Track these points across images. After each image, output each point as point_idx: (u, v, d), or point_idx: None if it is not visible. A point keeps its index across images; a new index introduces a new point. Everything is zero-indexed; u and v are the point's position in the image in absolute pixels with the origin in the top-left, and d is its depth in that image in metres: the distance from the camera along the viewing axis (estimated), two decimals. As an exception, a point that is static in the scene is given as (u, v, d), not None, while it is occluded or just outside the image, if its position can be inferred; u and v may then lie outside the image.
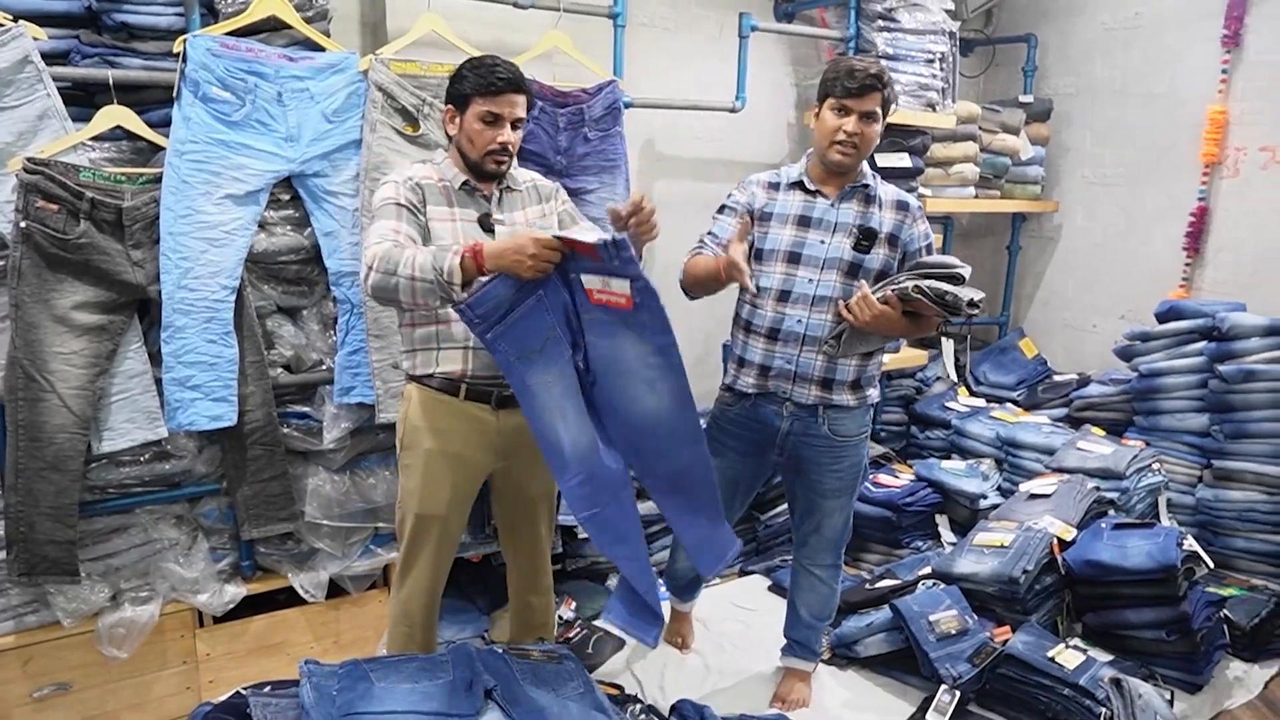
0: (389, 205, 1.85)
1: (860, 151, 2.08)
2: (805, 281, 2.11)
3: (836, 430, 2.17)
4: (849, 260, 2.10)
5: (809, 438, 2.18)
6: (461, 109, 1.90)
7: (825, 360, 2.11)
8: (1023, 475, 3.21)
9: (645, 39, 3.16)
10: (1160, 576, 2.46)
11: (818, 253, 2.11)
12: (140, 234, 2.07)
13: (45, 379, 2.00)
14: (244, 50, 2.12)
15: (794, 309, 2.12)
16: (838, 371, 2.13)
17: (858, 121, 2.04)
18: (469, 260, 1.69)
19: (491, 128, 1.88)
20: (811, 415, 2.16)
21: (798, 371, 2.13)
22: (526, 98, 1.92)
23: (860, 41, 3.20)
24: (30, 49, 1.93)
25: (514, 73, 1.88)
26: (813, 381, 2.13)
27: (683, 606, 2.68)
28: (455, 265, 1.68)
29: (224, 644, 2.39)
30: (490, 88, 1.85)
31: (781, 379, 2.15)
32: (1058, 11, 3.82)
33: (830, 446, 2.19)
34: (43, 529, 2.04)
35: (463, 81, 1.88)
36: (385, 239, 1.78)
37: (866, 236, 2.10)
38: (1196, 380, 3.08)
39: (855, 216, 2.12)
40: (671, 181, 3.33)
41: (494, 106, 1.86)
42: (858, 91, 2.01)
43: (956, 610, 2.51)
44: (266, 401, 2.27)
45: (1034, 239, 4.05)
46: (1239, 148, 3.28)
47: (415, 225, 1.86)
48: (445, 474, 1.96)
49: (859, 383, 2.17)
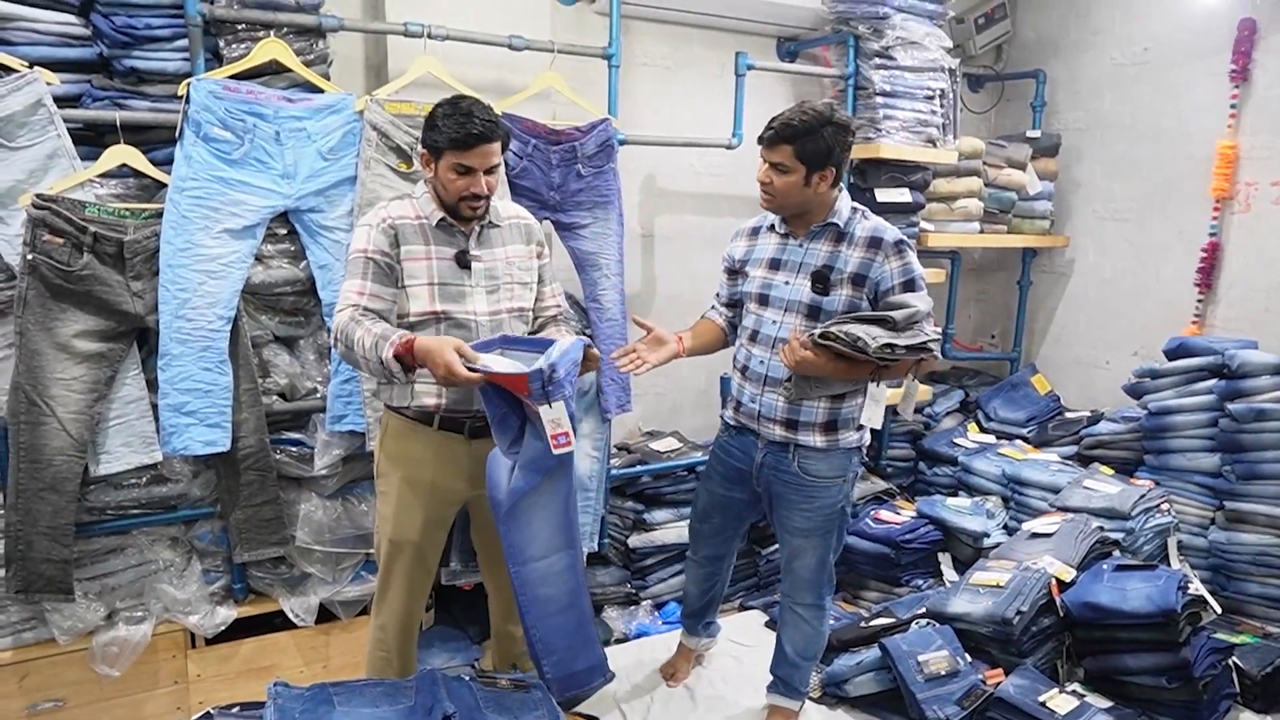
0: (358, 259, 1.92)
1: (776, 199, 2.11)
2: (770, 323, 2.17)
3: (806, 469, 2.18)
4: (807, 302, 2.12)
5: (780, 473, 2.22)
6: (435, 156, 1.92)
7: (786, 401, 2.14)
8: (1028, 514, 3.15)
9: (646, 78, 3.23)
10: (1160, 620, 2.39)
11: (782, 294, 2.16)
12: (141, 266, 2.17)
13: (46, 403, 2.09)
14: (245, 92, 2.22)
15: (759, 349, 2.19)
16: (802, 413, 2.15)
17: (767, 170, 2.09)
18: (403, 353, 1.77)
19: (464, 177, 1.90)
20: (783, 451, 2.20)
21: (762, 411, 2.20)
22: (502, 141, 1.93)
23: (859, 79, 3.23)
24: (43, 93, 2.05)
25: (485, 124, 1.86)
26: (776, 421, 2.18)
27: (688, 640, 2.68)
28: (390, 359, 1.76)
29: (214, 665, 2.44)
30: (463, 142, 1.85)
31: (749, 416, 2.23)
32: (1067, 47, 3.82)
33: (801, 485, 2.19)
34: (40, 548, 2.12)
35: (435, 130, 1.89)
36: (348, 303, 1.88)
37: (819, 279, 2.11)
38: (1207, 419, 3.00)
39: (821, 256, 2.13)
40: (672, 216, 3.38)
41: (465, 160, 1.88)
42: (766, 142, 2.08)
43: (948, 651, 2.46)
44: (260, 428, 2.34)
45: (1045, 274, 4.01)
46: (1250, 183, 3.23)
47: (383, 278, 1.93)
48: (418, 500, 2.00)
49: (832, 424, 2.16)
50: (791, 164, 2.05)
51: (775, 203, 2.14)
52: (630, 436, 3.37)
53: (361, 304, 1.89)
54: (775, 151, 2.06)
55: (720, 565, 2.56)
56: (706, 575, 2.57)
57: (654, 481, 3.12)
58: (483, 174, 1.90)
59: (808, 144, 2.02)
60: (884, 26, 3.13)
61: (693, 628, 2.67)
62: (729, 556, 2.57)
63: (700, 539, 2.55)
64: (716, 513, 2.45)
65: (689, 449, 3.21)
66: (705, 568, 2.56)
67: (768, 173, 2.10)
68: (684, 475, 3.16)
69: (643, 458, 3.13)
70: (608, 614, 3.02)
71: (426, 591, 2.14)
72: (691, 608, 2.65)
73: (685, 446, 3.23)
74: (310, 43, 2.36)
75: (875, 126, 3.21)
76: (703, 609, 2.64)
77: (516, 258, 2.07)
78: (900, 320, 1.98)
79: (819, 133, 2.02)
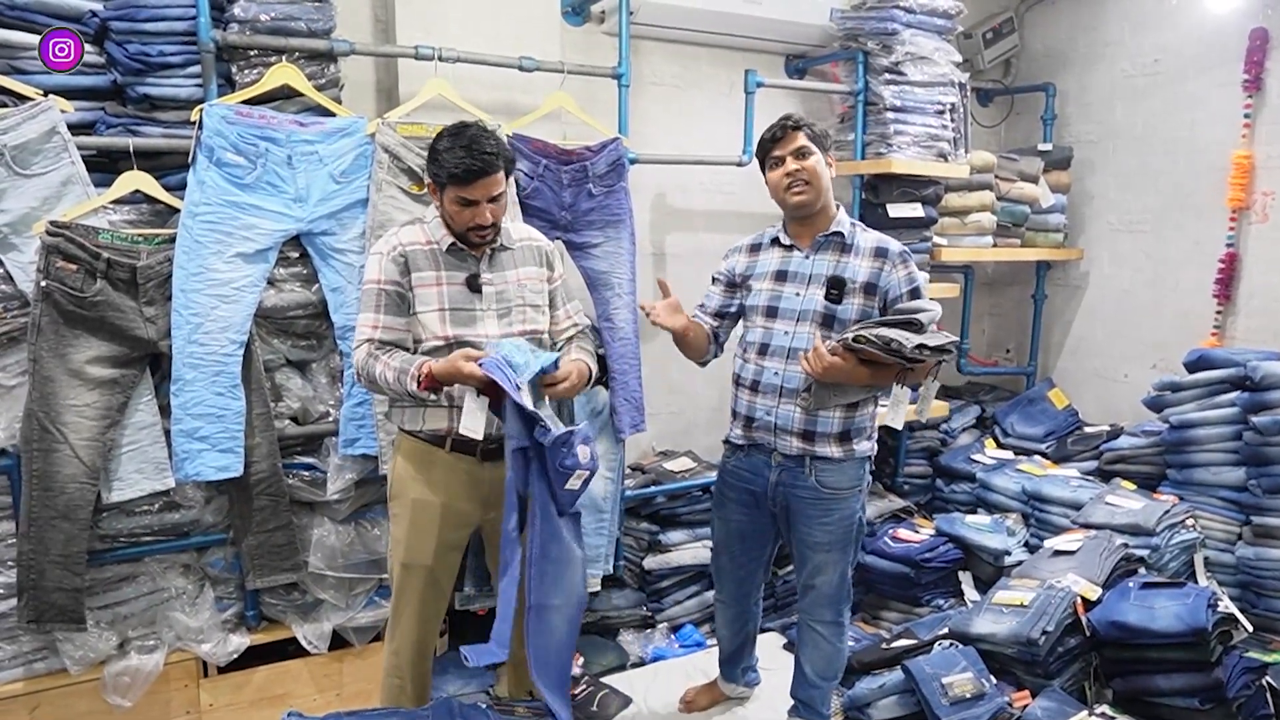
0: (370, 291, 1.96)
1: (814, 184, 2.13)
2: (782, 334, 2.15)
3: (824, 482, 2.15)
4: (822, 311, 2.12)
5: (797, 488, 2.18)
6: (439, 188, 1.93)
7: (803, 412, 2.12)
8: (1050, 531, 3.10)
9: (656, 97, 3.23)
10: (1190, 640, 2.33)
11: (793, 305, 2.16)
12: (154, 291, 2.17)
13: (59, 430, 2.08)
14: (256, 117, 2.22)
15: (771, 361, 2.16)
16: (819, 423, 2.12)
17: (794, 159, 2.13)
18: (426, 383, 1.83)
19: (468, 209, 1.90)
20: (799, 466, 2.16)
21: (778, 423, 2.16)
22: (506, 168, 1.92)
23: (869, 94, 3.23)
24: (58, 121, 2.06)
25: (484, 158, 1.85)
26: (793, 433, 2.14)
27: (725, 686, 2.62)
28: (417, 391, 1.84)
29: (227, 694, 2.41)
30: (461, 178, 1.85)
31: (765, 430, 2.19)
32: (1076, 60, 3.81)
33: (818, 498, 2.16)
34: (52, 576, 2.10)
35: (437, 164, 1.89)
36: (363, 338, 1.93)
37: (836, 286, 2.12)
38: (1230, 432, 2.95)
39: (830, 267, 2.15)
40: (683, 234, 3.37)
41: (467, 193, 1.88)
42: (780, 138, 2.14)
43: (972, 673, 2.40)
44: (272, 453, 2.33)
45: (1060, 287, 3.97)
46: (1266, 192, 3.20)
47: (395, 309, 1.96)
48: (431, 523, 1.98)
49: (847, 435, 2.15)
50: (810, 145, 2.13)
51: (813, 190, 2.14)
52: (644, 457, 3.34)
53: (376, 338, 1.93)
54: (792, 138, 2.13)
55: (749, 602, 2.49)
56: (736, 615, 2.50)
57: (669, 502, 3.09)
58: (486, 204, 1.90)
59: (813, 128, 2.15)
60: (893, 42, 3.13)
61: (730, 674, 2.60)
62: (756, 591, 2.49)
63: (724, 575, 2.47)
64: (736, 542, 2.39)
65: (703, 468, 3.17)
66: (733, 607, 2.48)
67: (796, 161, 2.13)
68: (699, 495, 3.12)
69: (657, 478, 3.10)
70: (623, 638, 2.97)
71: (440, 616, 2.11)
72: (726, 652, 2.57)
73: (699, 466, 3.19)
74: (322, 67, 2.37)
75: (886, 142, 3.20)
76: (737, 652, 2.56)
77: (528, 280, 2.06)
78: (925, 322, 1.99)
79: (810, 123, 2.17)
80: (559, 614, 1.95)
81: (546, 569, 1.89)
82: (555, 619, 1.94)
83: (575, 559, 1.98)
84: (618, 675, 2.77)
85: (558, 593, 1.93)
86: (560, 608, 1.95)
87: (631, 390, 2.82)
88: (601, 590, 2.95)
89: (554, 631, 1.94)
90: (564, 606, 1.96)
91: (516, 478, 1.84)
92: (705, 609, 3.12)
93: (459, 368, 1.78)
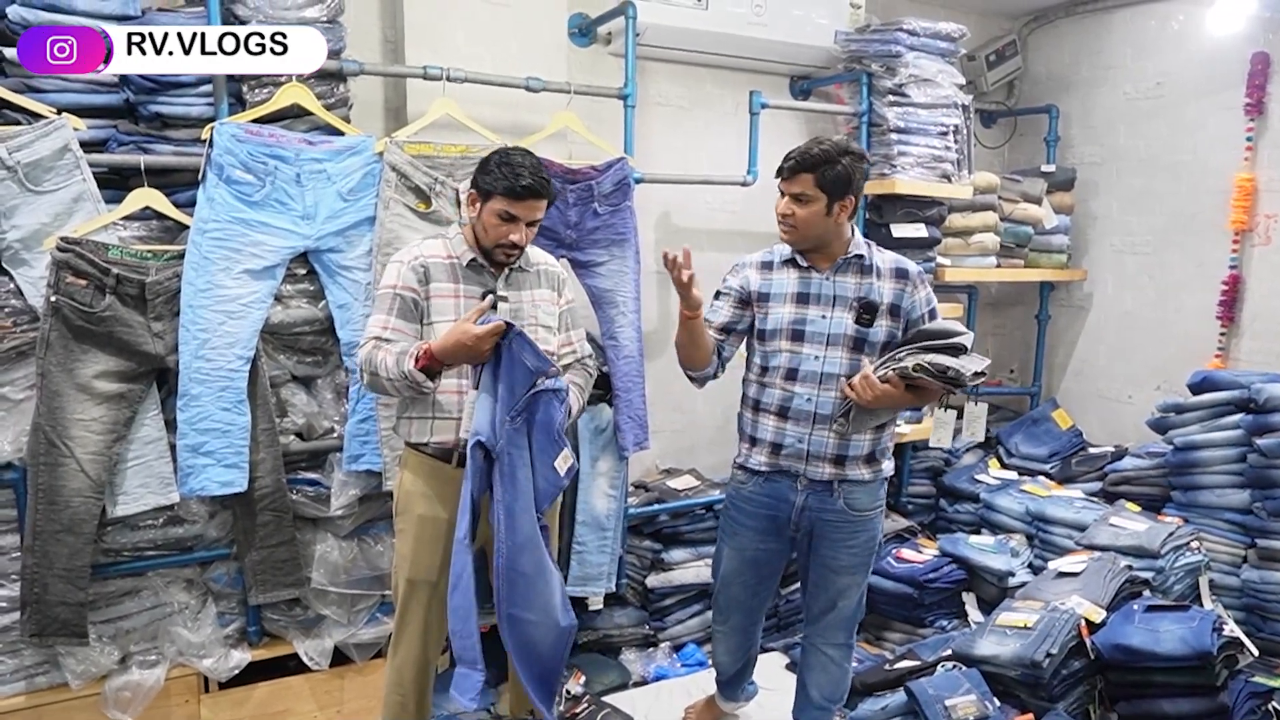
0: (386, 294, 1.97)
1: (799, 230, 2.09)
2: (812, 359, 2.10)
3: (852, 504, 2.15)
4: (853, 335, 2.10)
5: (824, 512, 2.16)
6: (483, 199, 1.98)
7: (838, 438, 2.10)
8: (1054, 552, 3.08)
9: (661, 117, 3.26)
10: (1195, 663, 2.32)
11: (820, 328, 2.11)
12: (162, 307, 2.18)
13: (65, 444, 2.09)
14: (266, 136, 2.25)
15: (803, 387, 2.11)
16: (850, 448, 2.11)
17: (788, 203, 2.09)
18: (424, 360, 1.82)
19: (506, 224, 1.96)
20: (827, 490, 2.14)
21: (810, 450, 2.12)
22: (548, 202, 1.99)
23: (872, 116, 3.25)
24: (70, 138, 2.09)
25: (540, 181, 1.94)
26: (826, 459, 2.12)
27: (725, 704, 2.61)
28: (412, 369, 1.82)
29: (228, 710, 2.40)
30: (513, 192, 1.92)
31: (794, 458, 2.14)
32: (1078, 83, 3.83)
33: (846, 521, 2.15)
34: (55, 590, 2.11)
35: (490, 175, 1.95)
36: (370, 336, 1.94)
37: (868, 310, 2.09)
38: (1235, 454, 2.94)
39: (854, 289, 2.12)
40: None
41: (514, 209, 1.94)
42: (786, 173, 2.08)
43: (976, 695, 2.39)
44: (276, 468, 2.33)
45: (1064, 308, 3.98)
46: (1269, 215, 3.21)
47: (407, 314, 1.97)
48: (437, 539, 1.98)
49: (874, 456, 2.15)
50: (813, 193, 2.04)
51: (797, 234, 2.11)
52: (647, 474, 3.34)
53: (385, 337, 1.95)
54: (796, 182, 2.06)
55: (754, 630, 2.44)
56: (740, 643, 2.44)
57: (672, 520, 3.09)
58: (525, 225, 1.96)
59: (828, 172, 2.02)
60: (896, 64, 3.16)
61: (731, 694, 2.58)
62: (763, 618, 2.47)
63: (731, 605, 2.38)
64: (749, 570, 2.31)
65: (707, 487, 3.17)
66: (737, 636, 2.42)
67: (789, 205, 2.09)
68: (702, 514, 3.12)
69: (660, 496, 3.09)
70: (626, 656, 2.96)
71: (444, 633, 2.10)
72: (726, 675, 2.51)
73: (703, 484, 3.19)
74: (331, 87, 2.39)
75: (890, 163, 3.22)
76: (738, 675, 2.53)
77: (543, 301, 2.11)
78: (968, 346, 1.98)
79: (838, 161, 2.03)
80: (537, 629, 1.94)
81: (516, 579, 1.89)
82: (535, 633, 1.93)
83: (551, 576, 1.97)
84: (620, 694, 2.76)
85: (531, 607, 1.92)
86: (536, 624, 1.93)
87: (636, 408, 2.82)
88: (604, 608, 2.95)
89: (535, 645, 1.93)
90: (540, 624, 1.94)
91: (474, 478, 1.84)
92: (708, 628, 3.10)
93: (463, 329, 1.78)
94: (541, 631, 1.96)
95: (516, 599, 1.89)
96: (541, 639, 1.96)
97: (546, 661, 1.99)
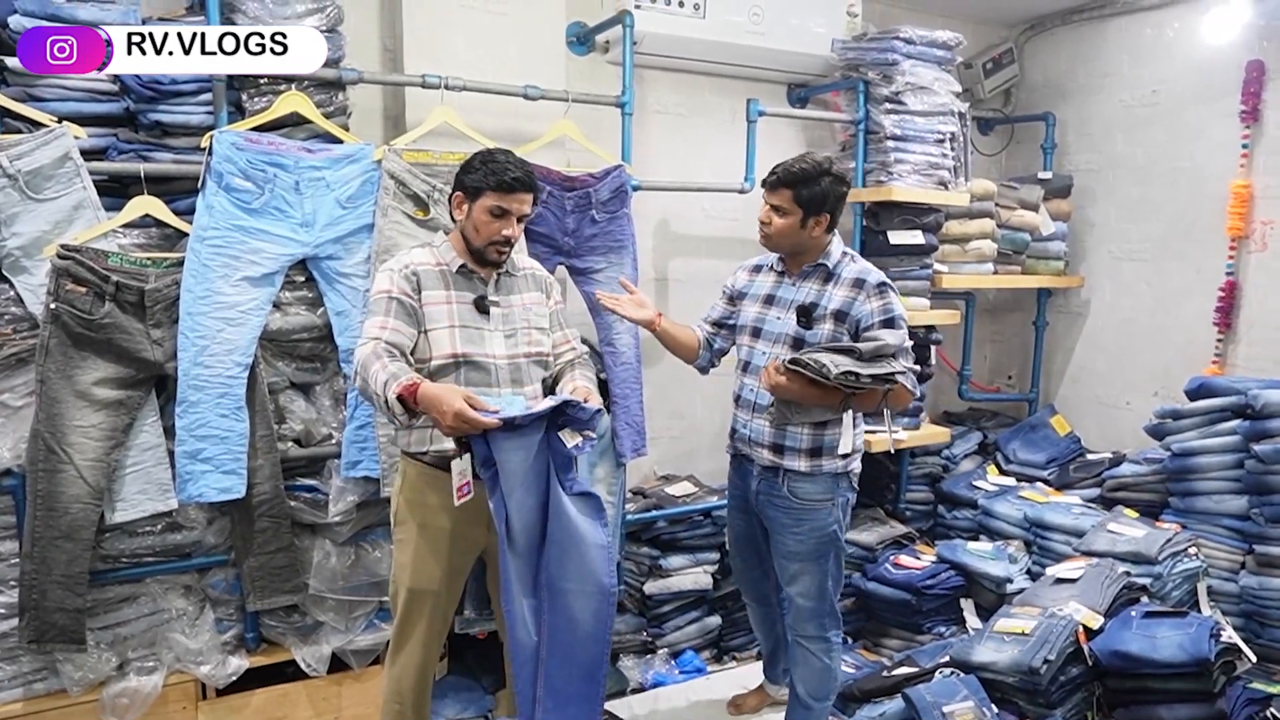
0: (381, 299, 1.95)
1: (773, 238, 2.26)
2: (761, 354, 2.29)
3: (795, 492, 2.26)
4: (793, 335, 2.24)
5: (773, 497, 2.30)
6: (471, 199, 1.98)
7: (773, 426, 2.23)
8: (1052, 558, 3.09)
9: (659, 125, 3.28)
10: (1193, 670, 2.32)
11: (775, 328, 2.29)
12: (161, 314, 2.19)
13: (64, 451, 2.10)
14: (265, 144, 2.26)
15: (750, 378, 2.32)
16: (787, 438, 2.24)
17: (768, 211, 2.24)
18: (405, 396, 1.76)
19: (498, 220, 1.96)
20: (774, 476, 2.29)
21: (752, 436, 2.30)
22: (534, 195, 2.01)
23: (869, 123, 3.27)
24: (70, 147, 2.10)
25: (526, 172, 1.97)
26: (765, 446, 2.28)
27: (770, 688, 2.73)
28: (394, 398, 1.76)
29: (225, 717, 2.40)
30: (504, 185, 1.94)
31: (744, 442, 2.35)
32: (1075, 91, 3.85)
33: (791, 507, 2.28)
34: (54, 597, 2.11)
35: (476, 173, 1.96)
36: (370, 336, 1.90)
37: (804, 313, 2.23)
38: (1233, 460, 2.94)
39: (810, 294, 2.26)
40: (685, 260, 3.40)
41: (504, 203, 1.95)
42: (769, 186, 2.24)
43: (973, 701, 2.39)
44: (274, 475, 2.34)
45: (1061, 314, 3.99)
46: (1265, 221, 3.22)
47: (405, 316, 1.95)
48: (437, 549, 1.98)
49: (817, 451, 2.24)
50: (790, 207, 2.20)
51: (771, 241, 2.28)
52: (645, 481, 3.35)
53: (384, 338, 1.90)
54: (776, 195, 2.22)
55: (769, 602, 2.61)
56: (763, 616, 2.64)
57: (670, 526, 3.09)
58: (515, 220, 1.98)
59: (805, 190, 2.18)
60: (893, 72, 3.17)
61: (773, 675, 2.71)
62: (774, 592, 2.58)
63: (739, 577, 2.65)
64: (745, 544, 2.52)
65: (704, 493, 3.17)
66: (760, 607, 2.63)
67: (768, 213, 2.25)
68: (700, 520, 3.12)
69: (658, 502, 3.10)
70: (623, 663, 2.96)
71: (443, 640, 2.11)
72: (765, 652, 2.73)
73: (701, 490, 3.19)
74: (330, 95, 2.41)
75: (887, 170, 3.23)
76: (774, 652, 2.68)
77: (533, 304, 2.11)
78: (866, 351, 2.08)
79: (818, 181, 2.18)
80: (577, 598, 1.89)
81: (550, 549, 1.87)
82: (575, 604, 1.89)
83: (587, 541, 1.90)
84: (617, 701, 2.76)
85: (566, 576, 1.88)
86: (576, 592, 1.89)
87: (633, 414, 2.83)
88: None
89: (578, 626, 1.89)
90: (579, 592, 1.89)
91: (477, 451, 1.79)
92: (706, 634, 3.11)
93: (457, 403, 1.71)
94: (581, 601, 1.90)
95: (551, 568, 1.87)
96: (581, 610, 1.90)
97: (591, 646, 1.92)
